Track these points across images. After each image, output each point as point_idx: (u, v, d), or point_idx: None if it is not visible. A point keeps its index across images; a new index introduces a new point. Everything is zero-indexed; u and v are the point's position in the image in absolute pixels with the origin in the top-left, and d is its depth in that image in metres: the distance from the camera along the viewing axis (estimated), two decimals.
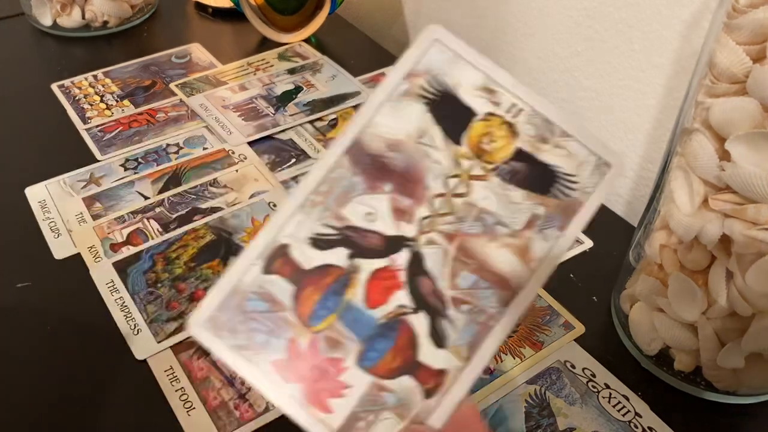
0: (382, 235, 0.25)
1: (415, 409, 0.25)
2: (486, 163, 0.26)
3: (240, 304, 0.24)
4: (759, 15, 0.30)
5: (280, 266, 0.25)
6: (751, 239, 0.31)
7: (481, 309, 0.25)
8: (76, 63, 0.66)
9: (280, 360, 0.24)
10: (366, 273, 0.25)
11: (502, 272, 0.25)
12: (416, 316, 0.25)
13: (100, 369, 0.40)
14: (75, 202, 0.51)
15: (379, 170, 0.26)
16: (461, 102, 0.27)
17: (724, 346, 0.36)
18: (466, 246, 0.25)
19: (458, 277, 0.25)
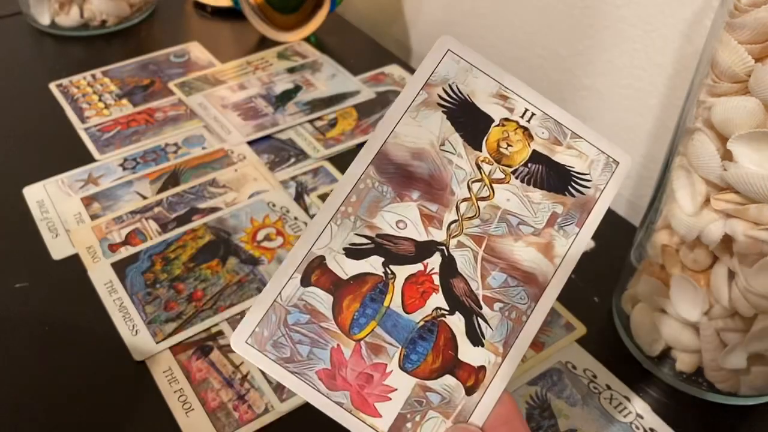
0: (414, 241, 0.26)
1: (459, 406, 0.26)
2: (505, 166, 0.28)
3: (281, 318, 0.25)
4: (761, 14, 0.29)
5: (317, 278, 0.26)
6: (753, 239, 0.31)
7: (512, 306, 0.26)
8: (74, 62, 0.66)
9: (325, 370, 0.25)
10: (401, 279, 0.26)
11: (529, 270, 0.27)
12: (453, 317, 0.26)
13: (98, 370, 0.40)
14: (73, 202, 0.51)
15: (406, 179, 0.27)
16: (478, 109, 0.28)
17: (726, 347, 0.36)
18: (494, 247, 0.27)
19: (489, 276, 0.26)
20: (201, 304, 0.43)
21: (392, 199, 0.27)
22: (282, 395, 0.39)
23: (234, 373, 0.40)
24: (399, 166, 0.27)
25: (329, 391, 0.25)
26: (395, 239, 0.26)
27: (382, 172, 0.27)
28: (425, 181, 0.27)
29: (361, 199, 0.26)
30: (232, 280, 0.45)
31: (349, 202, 0.26)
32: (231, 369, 0.40)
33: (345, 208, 0.26)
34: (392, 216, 0.27)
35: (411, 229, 0.27)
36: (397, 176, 0.27)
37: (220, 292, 0.44)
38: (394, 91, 0.63)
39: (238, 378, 0.40)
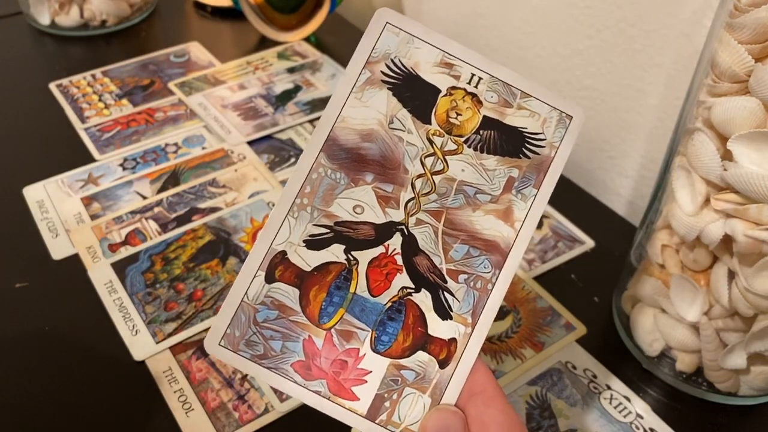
0: (373, 225, 0.26)
1: (434, 380, 0.26)
2: (457, 136, 0.27)
3: (250, 316, 0.25)
4: (761, 14, 0.29)
5: (281, 273, 0.26)
6: (753, 239, 0.31)
7: (477, 276, 0.26)
8: (74, 62, 0.66)
9: (300, 361, 0.26)
10: (364, 263, 0.26)
11: (490, 238, 0.27)
12: (419, 294, 0.26)
13: (98, 370, 0.40)
14: (73, 202, 0.51)
15: (358, 162, 0.27)
16: (423, 81, 0.27)
17: (725, 347, 0.36)
18: (453, 219, 0.27)
19: (451, 250, 0.26)
20: (201, 304, 0.43)
21: (346, 184, 0.26)
22: (282, 395, 0.39)
23: (234, 373, 0.40)
24: (350, 151, 0.27)
25: (306, 381, 0.25)
26: (354, 225, 0.26)
27: (333, 159, 0.27)
28: (378, 163, 0.27)
29: (315, 189, 0.26)
30: (232, 280, 0.45)
31: (303, 194, 0.26)
32: (231, 369, 0.40)
33: (300, 200, 0.26)
34: (348, 202, 0.26)
35: (369, 212, 0.26)
36: (349, 161, 0.27)
37: (220, 292, 0.44)
38: None
39: (238, 378, 0.40)
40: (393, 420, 0.26)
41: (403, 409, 0.26)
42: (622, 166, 0.56)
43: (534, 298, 0.45)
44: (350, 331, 0.26)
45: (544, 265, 0.47)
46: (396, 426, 0.26)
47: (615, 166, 0.57)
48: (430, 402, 0.26)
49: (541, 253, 0.48)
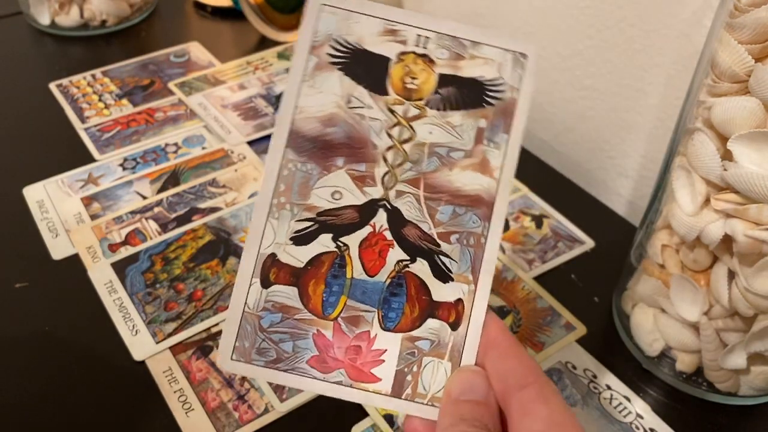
0: (355, 207, 0.26)
1: (449, 344, 0.26)
2: (417, 101, 0.27)
3: (255, 325, 0.26)
4: (761, 14, 0.29)
5: (276, 275, 0.26)
6: (753, 239, 0.31)
7: (468, 233, 0.26)
8: (74, 62, 0.66)
9: (314, 357, 0.26)
10: (355, 247, 0.26)
11: (473, 192, 0.27)
12: (415, 264, 0.26)
13: (98, 370, 0.40)
14: (73, 202, 0.51)
15: (326, 149, 0.27)
16: (371, 53, 0.27)
17: (725, 347, 0.36)
18: (432, 183, 0.27)
19: (437, 213, 0.26)
20: (201, 304, 0.43)
21: (319, 174, 0.26)
22: (282, 395, 0.39)
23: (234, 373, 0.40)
24: (315, 139, 0.27)
25: (325, 375, 0.26)
26: (336, 211, 0.26)
27: (300, 152, 0.26)
28: (345, 145, 0.27)
29: (289, 186, 0.26)
30: (232, 280, 0.45)
31: (279, 193, 0.26)
32: None
33: (277, 200, 0.26)
34: (325, 190, 0.26)
35: (348, 196, 0.26)
36: (316, 149, 0.27)
37: (220, 292, 0.44)
38: None
39: (238, 378, 0.40)
40: (419, 392, 0.26)
41: (426, 378, 0.26)
42: (622, 166, 0.56)
43: (534, 298, 0.45)
44: (357, 316, 0.26)
45: (544, 265, 0.47)
46: (423, 397, 0.26)
47: (615, 166, 0.57)
48: (450, 366, 0.26)
49: (541, 253, 0.48)
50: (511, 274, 0.46)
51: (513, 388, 0.25)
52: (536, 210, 0.51)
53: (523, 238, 0.49)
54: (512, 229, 0.49)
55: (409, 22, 0.27)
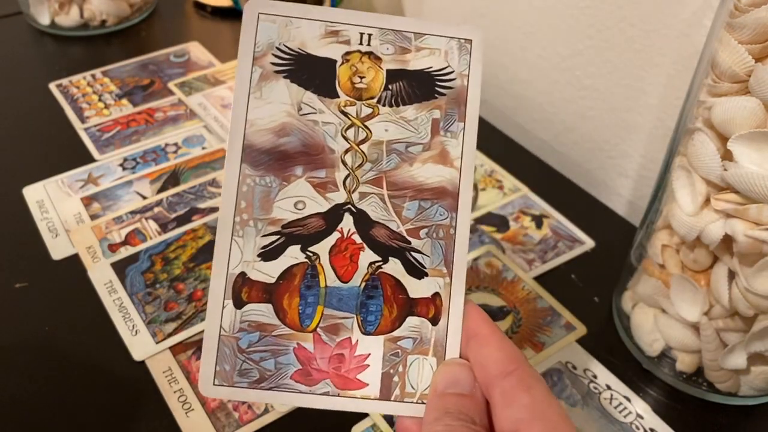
0: (320, 214, 0.26)
1: (432, 339, 0.26)
2: (368, 99, 0.27)
3: (234, 347, 0.25)
4: (761, 14, 0.29)
5: (248, 294, 0.26)
6: (754, 239, 0.31)
7: (436, 226, 0.26)
8: (74, 62, 0.65)
9: (297, 371, 0.25)
10: (325, 255, 0.26)
11: (436, 185, 0.26)
12: (388, 264, 0.26)
13: (98, 370, 0.40)
14: (73, 202, 0.51)
15: (282, 160, 0.26)
16: (315, 57, 0.27)
17: (726, 347, 0.36)
18: (394, 181, 0.26)
19: (403, 210, 0.26)
20: (201, 304, 0.43)
21: (279, 185, 0.26)
22: None
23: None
24: (269, 152, 0.26)
25: (310, 387, 0.25)
26: (301, 221, 0.26)
27: (256, 166, 0.26)
28: (301, 153, 0.26)
29: (250, 202, 0.26)
30: None
31: (240, 210, 0.26)
32: None
33: (240, 218, 0.26)
34: (287, 201, 0.26)
35: (311, 204, 0.26)
36: (273, 161, 0.26)
37: None
38: None
39: None
40: (407, 391, 0.26)
41: (412, 377, 0.26)
42: (622, 166, 0.56)
43: (534, 298, 0.45)
44: (336, 324, 0.26)
45: (544, 265, 0.47)
46: (412, 396, 0.26)
47: (615, 166, 0.57)
48: (435, 361, 0.26)
49: (541, 253, 0.48)
50: (511, 274, 0.46)
51: (495, 377, 0.24)
52: (536, 210, 0.51)
53: (523, 238, 0.49)
54: (512, 229, 0.49)
55: (350, 21, 0.27)
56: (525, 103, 0.64)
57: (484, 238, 0.48)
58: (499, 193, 0.52)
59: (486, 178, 0.54)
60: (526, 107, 0.64)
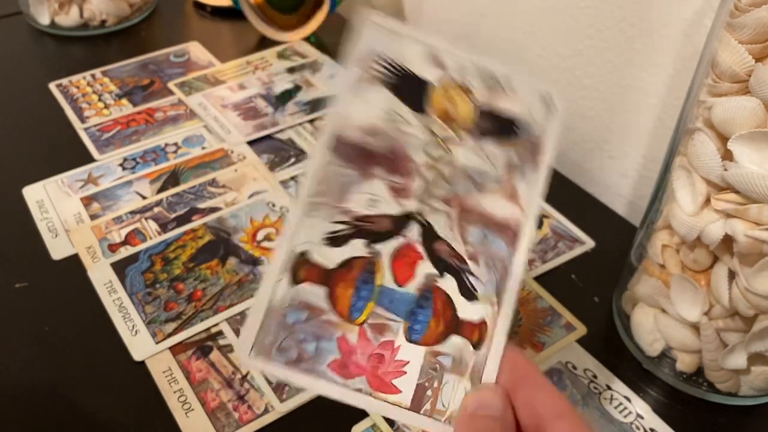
0: (390, 217, 0.27)
1: (471, 363, 0.26)
2: (455, 125, 0.28)
3: (280, 321, 0.25)
4: (761, 14, 0.29)
5: (306, 273, 0.26)
6: (754, 239, 0.31)
7: (495, 256, 0.27)
8: (74, 62, 0.66)
9: (336, 360, 0.25)
10: (387, 255, 0.27)
11: (501, 218, 0.27)
12: (443, 279, 0.27)
13: (97, 370, 0.40)
14: (73, 202, 0.51)
15: (366, 157, 0.27)
16: (416, 76, 0.28)
17: (726, 347, 0.36)
18: (464, 205, 0.27)
19: (467, 234, 0.27)
20: (201, 304, 0.43)
21: (358, 179, 0.27)
22: (282, 395, 0.39)
23: (234, 374, 0.40)
24: (356, 146, 0.27)
25: (346, 380, 0.25)
26: (372, 218, 0.27)
27: (341, 156, 0.27)
28: (385, 156, 0.27)
29: (329, 187, 0.27)
30: (231, 280, 0.45)
31: (318, 193, 0.26)
32: (231, 369, 0.40)
33: (315, 199, 0.26)
34: (362, 196, 0.27)
35: (383, 204, 0.27)
36: (357, 156, 0.27)
37: (220, 292, 0.44)
38: None
39: (238, 378, 0.40)
40: (437, 408, 0.26)
41: (445, 395, 0.26)
42: (623, 166, 0.56)
43: (534, 298, 0.45)
44: (383, 324, 0.26)
45: (545, 265, 0.47)
46: (441, 414, 0.26)
47: (615, 166, 0.57)
48: (470, 385, 0.26)
49: (542, 253, 0.48)
50: None
51: (548, 418, 0.25)
52: None
53: None
54: None
55: (453, 53, 0.28)
56: None
57: None
58: None
59: None
60: None
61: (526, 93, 0.28)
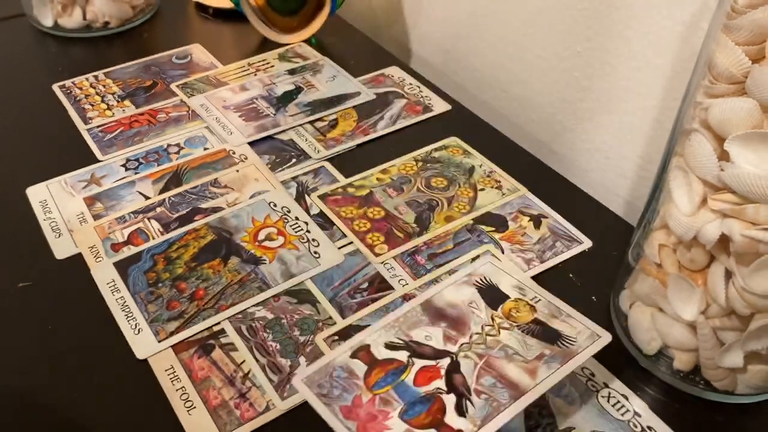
0: (434, 348, 0.38)
1: None
2: (513, 321, 0.39)
3: (330, 372, 0.36)
4: (758, 15, 0.30)
5: (362, 355, 0.37)
6: (750, 239, 0.32)
7: (495, 399, 0.35)
8: (77, 63, 0.66)
9: (346, 406, 0.35)
10: (417, 366, 0.37)
11: (514, 380, 0.36)
12: (448, 396, 0.35)
13: (100, 368, 0.40)
14: (76, 202, 0.51)
15: (440, 316, 0.39)
16: (500, 290, 0.41)
17: (723, 346, 0.36)
18: (491, 362, 0.37)
19: (482, 378, 0.36)
20: (203, 303, 0.44)
21: (427, 323, 0.39)
22: (283, 393, 0.39)
23: (235, 372, 0.40)
24: (437, 309, 0.40)
25: (344, 419, 0.34)
26: (421, 344, 0.38)
27: (425, 310, 0.40)
28: (453, 319, 0.39)
29: (405, 321, 0.39)
30: (233, 280, 0.45)
31: (397, 320, 0.39)
32: (232, 367, 0.40)
33: (393, 323, 0.39)
34: (423, 332, 0.38)
35: (434, 341, 0.38)
36: (434, 313, 0.40)
37: (222, 291, 0.45)
38: (393, 93, 0.63)
39: (240, 376, 0.40)
40: None
41: None
42: (620, 166, 0.57)
43: None
44: (389, 400, 0.35)
45: (542, 264, 0.47)
46: None
47: (613, 167, 0.57)
48: None
49: (539, 253, 0.48)
50: None
51: None
52: (534, 210, 0.51)
53: (521, 237, 0.49)
54: (511, 228, 0.50)
55: (534, 289, 0.41)
56: (524, 103, 0.65)
57: (483, 237, 0.49)
58: (498, 193, 0.53)
59: (485, 178, 0.54)
60: (524, 108, 0.65)
61: (580, 327, 0.38)
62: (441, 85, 0.66)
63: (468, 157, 0.56)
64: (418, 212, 0.51)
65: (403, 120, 0.60)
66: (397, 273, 0.46)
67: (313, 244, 0.48)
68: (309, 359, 0.41)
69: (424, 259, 0.47)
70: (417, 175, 0.54)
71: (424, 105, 0.62)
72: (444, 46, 0.72)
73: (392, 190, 0.53)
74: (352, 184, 0.53)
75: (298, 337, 0.42)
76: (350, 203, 0.51)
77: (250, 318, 0.43)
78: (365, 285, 0.45)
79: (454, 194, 0.52)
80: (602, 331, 0.38)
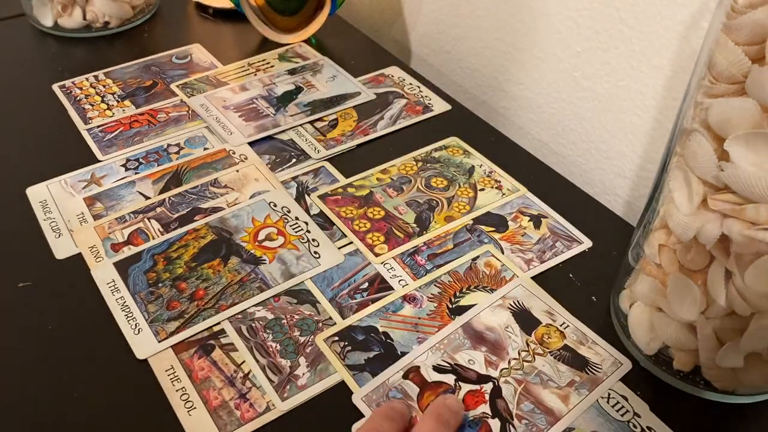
0: (477, 373, 0.40)
1: None
2: (545, 347, 0.42)
3: (384, 391, 0.39)
4: (758, 15, 0.30)
5: (413, 376, 0.40)
6: (750, 239, 0.32)
7: (534, 424, 0.38)
8: (77, 63, 0.66)
9: None
10: (464, 390, 0.39)
11: (550, 406, 0.39)
12: (492, 420, 0.38)
13: (100, 369, 0.40)
14: (76, 202, 0.51)
15: (479, 339, 0.42)
16: (533, 315, 0.44)
17: (723, 346, 0.36)
18: (529, 388, 0.40)
19: (522, 404, 0.39)
20: (203, 303, 0.44)
21: (469, 347, 0.42)
22: (283, 394, 0.39)
23: (236, 372, 0.40)
24: (476, 331, 0.43)
25: None
26: (466, 368, 0.41)
27: (465, 332, 0.42)
28: (491, 343, 0.42)
29: (449, 343, 0.42)
30: (233, 280, 0.45)
31: (441, 343, 0.42)
32: (233, 368, 0.40)
33: (438, 346, 0.42)
34: (466, 355, 0.41)
35: (477, 365, 0.41)
36: (474, 335, 0.42)
37: (222, 291, 0.45)
38: (393, 93, 0.63)
39: (240, 377, 0.40)
40: None
41: None
42: (620, 166, 0.57)
43: None
44: None
45: (543, 264, 0.47)
46: None
47: (613, 167, 0.57)
48: None
49: (540, 253, 0.48)
50: (509, 274, 0.46)
51: None
52: (534, 210, 0.51)
53: (521, 237, 0.49)
54: (511, 228, 0.50)
55: (563, 315, 0.43)
56: (523, 103, 0.65)
57: (483, 237, 0.49)
58: (497, 193, 0.53)
59: (485, 178, 0.54)
60: (524, 108, 0.65)
61: (605, 354, 0.41)
62: (441, 85, 0.66)
63: (468, 157, 0.56)
64: (418, 212, 0.51)
65: (403, 120, 0.60)
66: (397, 273, 0.46)
67: (313, 244, 0.48)
68: (309, 359, 0.41)
69: (424, 260, 0.47)
70: (417, 175, 0.54)
71: (424, 105, 0.62)
72: (444, 46, 0.72)
73: (392, 190, 0.53)
74: (352, 184, 0.53)
75: (298, 338, 0.42)
76: (350, 203, 0.51)
77: (250, 318, 0.43)
78: (365, 285, 0.45)
79: (454, 194, 0.52)
80: (623, 358, 0.41)
